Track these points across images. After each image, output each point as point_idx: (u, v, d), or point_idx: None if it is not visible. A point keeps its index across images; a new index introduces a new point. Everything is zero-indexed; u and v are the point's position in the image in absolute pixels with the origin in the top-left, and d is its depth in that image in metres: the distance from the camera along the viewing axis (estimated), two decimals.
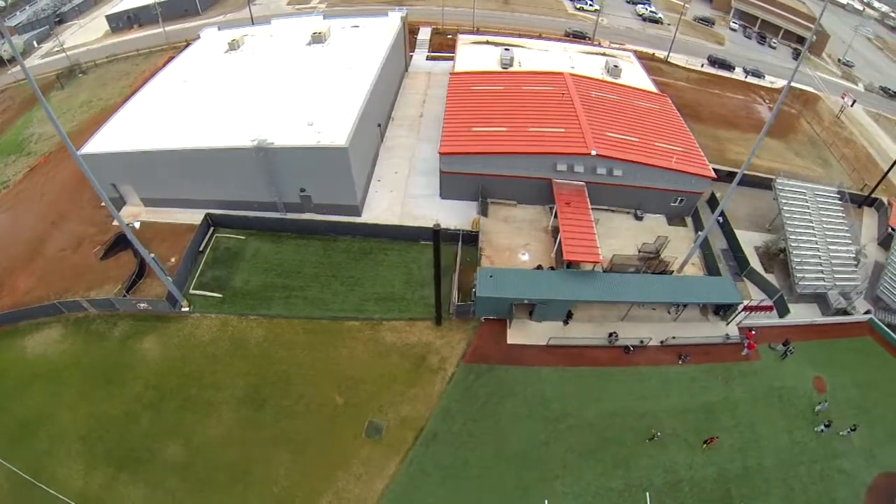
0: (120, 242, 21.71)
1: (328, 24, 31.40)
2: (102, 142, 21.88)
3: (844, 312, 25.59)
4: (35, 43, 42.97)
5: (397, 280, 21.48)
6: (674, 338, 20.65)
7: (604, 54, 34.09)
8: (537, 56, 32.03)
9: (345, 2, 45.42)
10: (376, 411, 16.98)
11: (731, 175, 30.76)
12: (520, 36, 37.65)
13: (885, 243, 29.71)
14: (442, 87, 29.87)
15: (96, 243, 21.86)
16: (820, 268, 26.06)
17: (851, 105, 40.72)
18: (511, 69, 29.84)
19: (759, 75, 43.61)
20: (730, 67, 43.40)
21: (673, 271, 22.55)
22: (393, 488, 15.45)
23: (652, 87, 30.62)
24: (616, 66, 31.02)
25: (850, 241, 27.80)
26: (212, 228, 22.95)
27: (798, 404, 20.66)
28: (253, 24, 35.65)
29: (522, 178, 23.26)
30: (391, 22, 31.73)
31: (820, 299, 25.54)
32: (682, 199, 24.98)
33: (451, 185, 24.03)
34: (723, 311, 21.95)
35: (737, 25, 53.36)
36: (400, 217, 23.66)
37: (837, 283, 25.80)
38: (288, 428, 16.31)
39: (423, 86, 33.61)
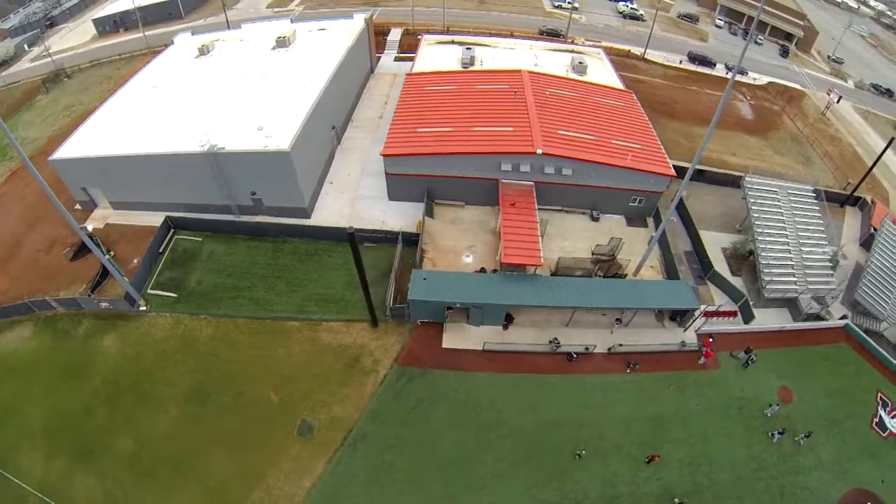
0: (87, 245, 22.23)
1: (294, 27, 31.48)
2: (73, 147, 22.47)
3: (818, 318, 24.32)
4: (26, 46, 43.48)
5: (338, 282, 21.37)
6: (620, 345, 19.66)
7: (572, 51, 33.35)
8: (501, 55, 31.49)
9: (322, 4, 45.54)
10: (309, 410, 17.14)
11: (701, 173, 29.81)
12: (491, 35, 37.16)
13: (867, 244, 28.12)
14: None
15: (67, 245, 22.43)
16: (791, 270, 24.65)
17: (837, 101, 39.27)
18: (472, 68, 29.39)
19: (741, 72, 42.32)
20: (710, 64, 42.28)
21: (626, 275, 21.56)
22: (320, 487, 15.55)
23: (618, 84, 29.76)
24: (581, 63, 30.30)
25: (825, 243, 26.35)
26: (172, 230, 23.30)
27: (759, 416, 19.48)
28: (229, 28, 35.97)
29: (469, 178, 22.66)
30: (355, 24, 31.63)
31: (791, 304, 24.20)
32: (641, 199, 23.99)
33: (398, 186, 23.58)
34: (679, 316, 20.85)
35: (722, 22, 52.13)
36: (348, 219, 23.25)
37: (810, 287, 24.33)
38: (226, 424, 16.69)
39: (388, 87, 33.35)
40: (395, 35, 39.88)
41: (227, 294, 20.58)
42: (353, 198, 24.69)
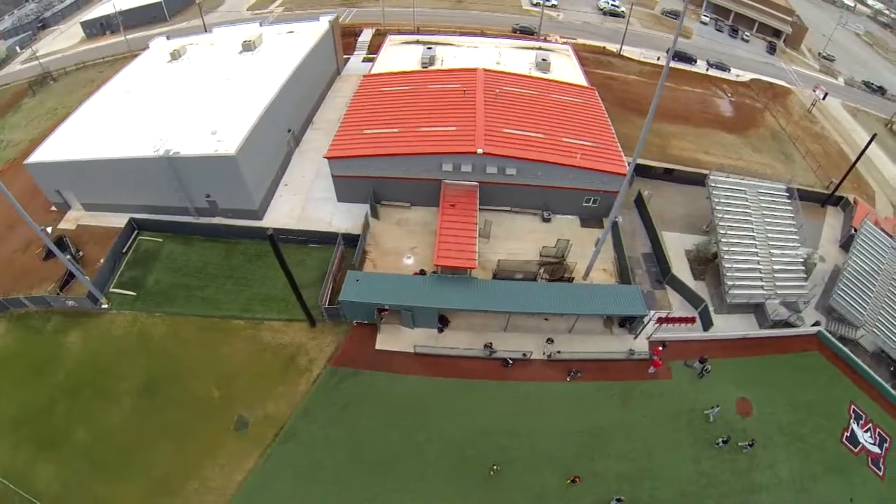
0: (60, 245, 22.86)
1: (262, 31, 31.71)
2: (46, 151, 23.28)
3: (787, 324, 22.84)
4: (18, 48, 43.97)
5: (282, 282, 21.27)
6: (559, 352, 18.75)
7: (540, 48, 32.64)
8: (464, 53, 30.98)
9: (301, 5, 45.61)
10: (246, 407, 17.60)
11: (669, 172, 28.61)
12: (462, 34, 36.70)
13: (847, 246, 26.47)
14: None
15: (39, 245, 23.20)
16: (758, 274, 23.22)
17: (823, 98, 37.62)
18: (432, 68, 29.03)
19: (723, 68, 41.23)
20: (691, 60, 41.01)
21: (573, 278, 20.68)
22: (250, 481, 15.88)
23: (581, 81, 28.92)
24: (544, 60, 29.61)
25: (798, 244, 24.82)
26: (136, 231, 23.93)
27: (712, 430, 18.26)
28: (206, 31, 36.51)
29: (413, 179, 22.18)
30: (320, 27, 31.67)
31: (758, 310, 22.81)
32: (595, 199, 23.07)
33: (345, 188, 23.31)
34: (629, 323, 19.83)
35: (708, 18, 50.66)
36: (298, 220, 23.31)
37: (779, 292, 22.89)
38: (172, 417, 17.34)
39: (354, 89, 33.30)
40: (366, 36, 39.83)
41: (181, 293, 21.16)
42: (306, 199, 24.59)
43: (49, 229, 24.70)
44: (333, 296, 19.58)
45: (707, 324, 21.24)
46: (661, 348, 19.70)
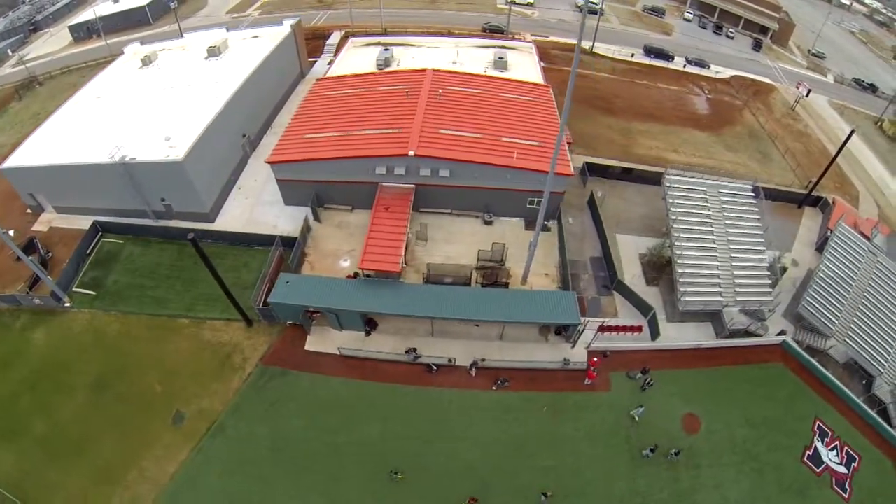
0: (30, 246, 24.00)
1: (227, 36, 32.23)
2: (19, 156, 24.38)
3: (747, 334, 21.30)
4: (10, 51, 44.32)
5: (226, 282, 21.79)
6: (483, 360, 18.00)
7: (503, 46, 32.04)
8: (423, 54, 30.71)
9: (279, 7, 46.02)
10: (183, 402, 18.32)
11: (629, 171, 27.34)
12: (430, 34, 36.49)
13: (823, 249, 24.68)
14: None
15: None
16: (717, 280, 21.80)
17: (806, 95, 35.73)
18: (387, 69, 28.98)
19: (703, 65, 39.85)
20: (668, 57, 39.68)
21: (508, 283, 19.93)
22: (181, 473, 16.54)
23: (538, 79, 28.19)
24: (501, 59, 29.07)
25: (763, 248, 23.23)
26: (100, 234, 24.83)
27: (648, 442, 17.06)
28: (182, 36, 36.93)
29: (351, 183, 21.97)
30: (281, 31, 32.03)
31: (716, 318, 21.39)
32: (540, 201, 22.33)
33: (290, 192, 23.33)
34: (565, 331, 18.91)
35: (691, 15, 49.21)
36: (246, 223, 23.67)
37: (740, 299, 21.43)
38: (119, 411, 18.17)
39: None
40: (335, 39, 39.89)
41: (135, 293, 21.99)
42: (255, 203, 24.83)
43: (11, 232, 25.82)
44: (265, 297, 19.62)
45: (655, 333, 20.05)
46: (595, 359, 18.60)
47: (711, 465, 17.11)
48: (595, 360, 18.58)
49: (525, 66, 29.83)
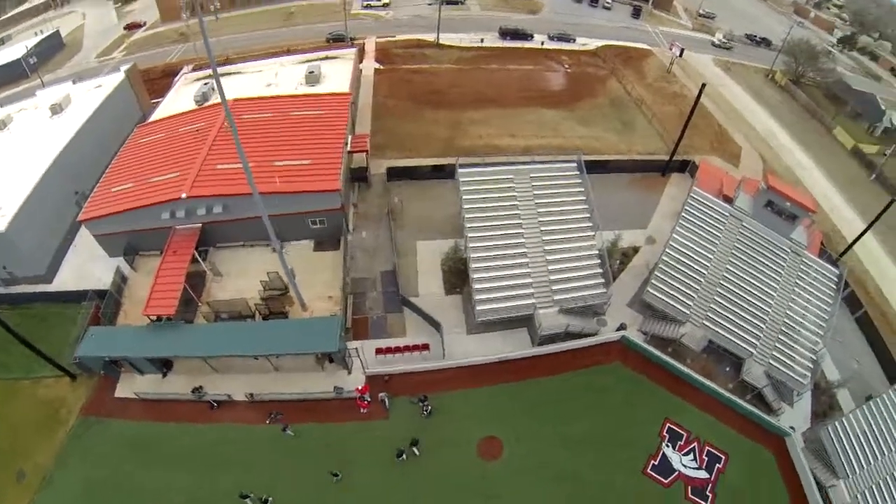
0: None
1: (70, 90, 31.80)
2: None
3: (569, 336, 19.13)
4: None
5: (55, 340, 23.12)
6: (251, 394, 18.89)
7: (325, 58, 31.06)
8: (244, 81, 30.25)
9: (142, 47, 45.61)
10: (24, 458, 19.74)
11: (439, 168, 25.40)
12: (267, 56, 35.42)
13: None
14: None
15: None
16: (527, 280, 19.79)
17: (680, 55, 32.62)
18: (206, 104, 28.96)
19: (566, 39, 38.12)
20: (526, 37, 37.68)
21: (286, 313, 20.43)
22: None
23: (344, 88, 27.32)
24: (312, 73, 28.30)
25: (592, 233, 20.69)
26: None
27: (422, 473, 16.70)
28: (44, 87, 36.89)
29: (151, 230, 22.91)
30: (115, 78, 31.82)
31: (531, 323, 19.55)
32: (322, 220, 22.29)
33: (109, 244, 24.54)
34: (333, 358, 19.11)
35: None
36: (79, 279, 24.64)
37: (558, 298, 19.43)
38: None
39: None
40: (182, 74, 39.00)
41: None
42: (87, 259, 25.73)
43: None
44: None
45: (443, 349, 19.21)
46: (361, 387, 18.09)
47: (515, 494, 15.71)
48: (362, 387, 18.17)
49: (338, 75, 29.01)
